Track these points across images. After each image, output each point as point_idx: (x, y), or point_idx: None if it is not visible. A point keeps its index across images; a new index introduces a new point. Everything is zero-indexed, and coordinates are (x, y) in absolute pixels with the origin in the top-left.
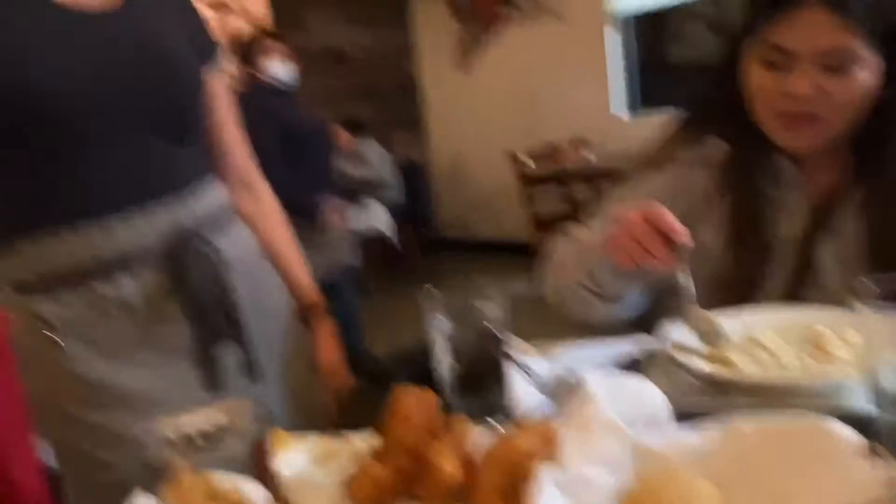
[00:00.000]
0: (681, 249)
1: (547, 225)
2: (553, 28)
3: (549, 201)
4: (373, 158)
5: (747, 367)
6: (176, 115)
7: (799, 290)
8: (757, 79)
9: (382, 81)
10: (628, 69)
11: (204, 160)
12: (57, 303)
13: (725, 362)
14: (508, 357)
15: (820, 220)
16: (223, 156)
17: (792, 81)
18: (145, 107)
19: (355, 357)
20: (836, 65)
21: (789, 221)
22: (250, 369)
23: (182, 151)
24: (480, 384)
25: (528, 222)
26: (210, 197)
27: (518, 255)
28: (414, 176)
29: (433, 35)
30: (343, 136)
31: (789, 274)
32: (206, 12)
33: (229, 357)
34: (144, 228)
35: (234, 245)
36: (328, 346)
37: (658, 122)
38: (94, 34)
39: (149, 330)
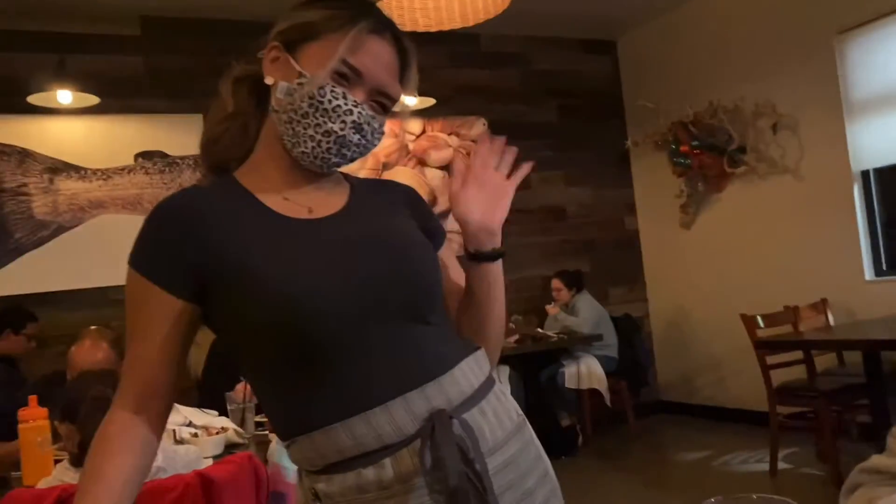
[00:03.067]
0: None
1: (782, 393)
2: (785, 184)
3: (787, 368)
4: (588, 313)
5: None
6: (422, 299)
7: None
8: None
9: (602, 237)
10: (871, 228)
11: (455, 341)
12: (330, 482)
13: None
14: None
15: None
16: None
17: None
18: (393, 299)
19: None
20: None
21: None
22: None
23: (432, 338)
24: None
25: (761, 390)
26: (464, 376)
27: (746, 423)
28: (632, 333)
29: (654, 192)
30: (560, 290)
31: None
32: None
33: None
34: (403, 418)
35: (489, 420)
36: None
37: None
38: (331, 238)
39: None
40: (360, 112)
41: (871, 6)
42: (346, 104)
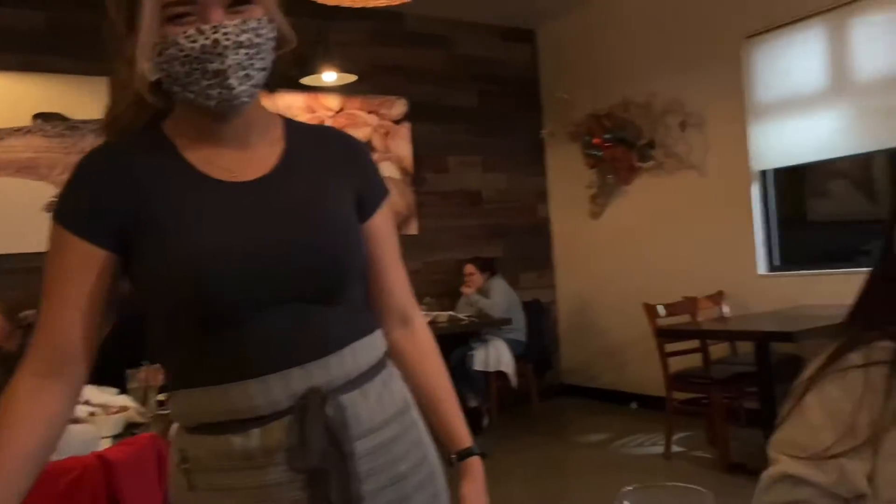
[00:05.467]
0: None
1: (678, 380)
2: (689, 180)
3: (684, 356)
4: (500, 297)
5: None
6: (329, 284)
7: None
8: None
9: (515, 223)
10: (766, 225)
11: (354, 321)
12: (199, 445)
13: None
14: None
15: None
16: (383, 294)
17: None
18: (297, 279)
19: None
20: None
21: None
22: None
23: (332, 318)
24: None
25: (659, 376)
26: (353, 357)
27: (645, 408)
28: (540, 317)
29: (567, 182)
30: (473, 275)
31: None
32: None
33: None
34: (279, 393)
35: (369, 403)
36: (479, 493)
37: (796, 279)
38: (246, 206)
39: (266, 490)
40: (215, 38)
41: (777, 13)
42: (201, 39)
